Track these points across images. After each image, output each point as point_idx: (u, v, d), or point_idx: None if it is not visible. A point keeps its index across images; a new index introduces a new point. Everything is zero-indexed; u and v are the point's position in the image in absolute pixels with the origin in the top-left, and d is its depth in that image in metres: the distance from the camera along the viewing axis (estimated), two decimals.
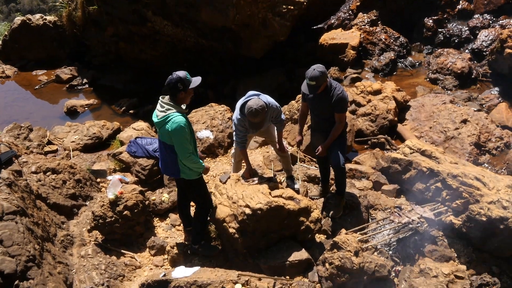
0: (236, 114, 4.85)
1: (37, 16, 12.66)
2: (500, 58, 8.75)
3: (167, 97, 4.20)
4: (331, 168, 5.32)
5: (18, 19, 12.48)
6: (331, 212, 5.21)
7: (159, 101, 4.20)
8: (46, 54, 12.56)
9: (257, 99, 4.60)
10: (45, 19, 12.50)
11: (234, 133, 5.01)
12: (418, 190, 5.46)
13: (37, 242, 4.25)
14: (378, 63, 10.22)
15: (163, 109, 4.13)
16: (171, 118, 4.05)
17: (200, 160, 4.42)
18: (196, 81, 4.23)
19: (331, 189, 5.65)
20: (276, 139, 5.33)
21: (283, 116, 5.07)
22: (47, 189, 5.38)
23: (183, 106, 4.24)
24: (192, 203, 5.31)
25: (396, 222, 4.98)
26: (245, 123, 4.81)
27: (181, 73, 4.11)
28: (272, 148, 5.82)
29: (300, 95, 7.40)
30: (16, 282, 3.81)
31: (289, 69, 10.68)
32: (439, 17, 11.06)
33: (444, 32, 10.85)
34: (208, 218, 5.14)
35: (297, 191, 5.40)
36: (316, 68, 4.47)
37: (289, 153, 5.67)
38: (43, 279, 3.97)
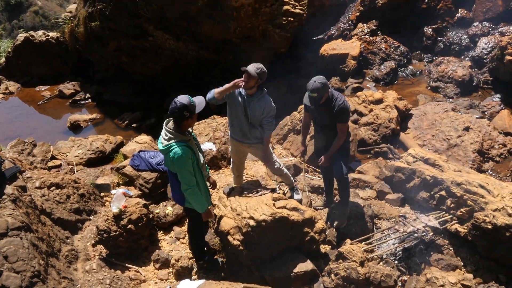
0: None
1: (40, 32, 12.81)
2: (501, 65, 8.77)
3: (171, 122, 4.02)
4: (334, 178, 5.33)
5: (21, 36, 12.63)
6: (336, 223, 5.20)
7: (164, 127, 4.02)
8: (49, 70, 12.67)
9: None
10: (48, 35, 12.64)
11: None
12: (423, 199, 5.44)
13: (41, 258, 4.25)
14: (379, 72, 10.26)
15: (167, 138, 3.95)
16: (172, 149, 3.87)
17: (202, 198, 4.19)
18: (200, 104, 4.01)
19: (335, 199, 5.64)
20: (267, 163, 5.28)
21: (273, 121, 4.87)
22: (51, 204, 5.39)
23: (190, 130, 4.11)
24: None
25: (401, 231, 4.96)
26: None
27: (185, 99, 3.85)
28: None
29: (303, 106, 7.43)
30: None
31: (290, 80, 10.73)
32: (438, 26, 11.12)
33: (444, 40, 10.90)
34: (213, 230, 5.14)
35: (300, 201, 5.39)
36: (317, 80, 4.50)
37: (281, 166, 5.51)
38: None
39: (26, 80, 12.60)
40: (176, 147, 3.87)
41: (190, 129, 4.12)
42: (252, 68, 4.57)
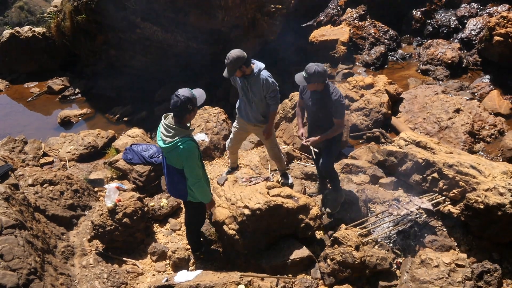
0: None
1: (26, 28, 12.60)
2: (489, 46, 8.80)
3: (170, 117, 3.95)
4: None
5: (6, 32, 12.42)
6: (328, 208, 5.23)
7: (163, 122, 3.94)
8: (37, 66, 12.50)
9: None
10: (34, 31, 12.43)
11: None
12: (415, 182, 5.48)
13: (37, 255, 4.24)
14: (369, 57, 10.26)
15: (170, 134, 3.85)
16: (180, 144, 3.81)
17: (207, 189, 4.25)
18: (201, 96, 3.96)
19: (328, 185, 5.67)
20: (268, 145, 5.48)
21: (277, 95, 4.99)
22: (45, 201, 5.36)
23: (189, 125, 4.04)
24: None
25: (395, 214, 5.01)
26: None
27: (187, 93, 3.80)
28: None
29: (294, 93, 7.44)
30: None
31: (281, 68, 10.69)
32: (427, 8, 11.11)
33: (432, 23, 10.90)
34: (208, 221, 5.16)
35: (290, 186, 5.51)
36: (317, 66, 4.45)
37: (279, 147, 5.70)
38: None
39: (14, 77, 12.43)
40: (183, 143, 3.82)
41: (188, 124, 4.05)
42: (226, 70, 4.71)
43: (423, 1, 11.20)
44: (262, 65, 4.85)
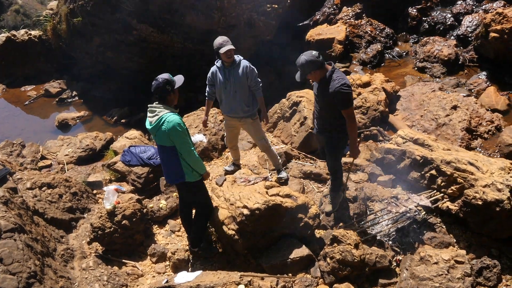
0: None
1: (22, 31, 12.56)
2: (486, 43, 8.81)
3: (155, 103, 4.22)
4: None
5: (2, 36, 12.38)
6: (326, 208, 5.23)
7: (148, 108, 4.21)
8: (33, 69, 12.47)
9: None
10: (30, 34, 12.40)
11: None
12: (414, 179, 5.50)
13: (37, 258, 4.24)
14: (365, 55, 10.27)
15: (156, 113, 4.12)
16: (165, 118, 4.05)
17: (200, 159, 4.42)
18: (179, 79, 4.29)
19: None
20: (256, 137, 5.63)
21: (260, 80, 5.33)
22: (43, 204, 5.36)
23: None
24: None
25: (393, 212, 5.02)
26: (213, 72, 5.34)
27: (165, 75, 4.16)
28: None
29: (291, 93, 7.44)
30: None
31: (277, 67, 10.70)
32: (422, 6, 11.12)
33: (428, 20, 10.91)
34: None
35: (285, 180, 5.69)
36: (304, 55, 4.21)
37: (267, 139, 5.78)
38: None
39: (10, 81, 12.39)
40: (169, 116, 4.06)
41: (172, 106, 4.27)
42: (227, 46, 4.95)
43: None
44: (241, 56, 5.20)
